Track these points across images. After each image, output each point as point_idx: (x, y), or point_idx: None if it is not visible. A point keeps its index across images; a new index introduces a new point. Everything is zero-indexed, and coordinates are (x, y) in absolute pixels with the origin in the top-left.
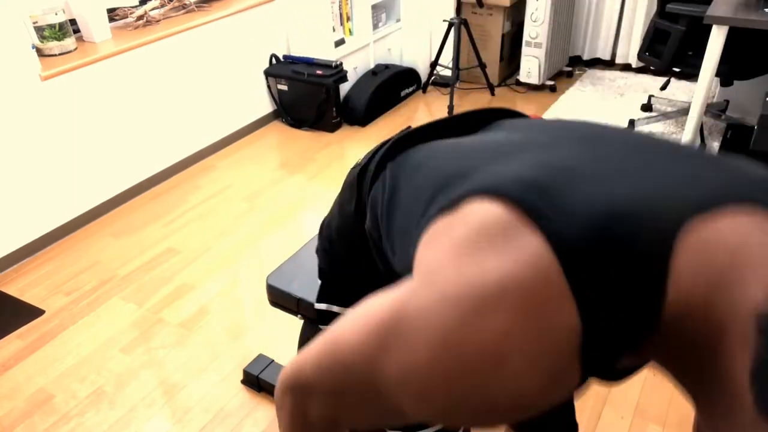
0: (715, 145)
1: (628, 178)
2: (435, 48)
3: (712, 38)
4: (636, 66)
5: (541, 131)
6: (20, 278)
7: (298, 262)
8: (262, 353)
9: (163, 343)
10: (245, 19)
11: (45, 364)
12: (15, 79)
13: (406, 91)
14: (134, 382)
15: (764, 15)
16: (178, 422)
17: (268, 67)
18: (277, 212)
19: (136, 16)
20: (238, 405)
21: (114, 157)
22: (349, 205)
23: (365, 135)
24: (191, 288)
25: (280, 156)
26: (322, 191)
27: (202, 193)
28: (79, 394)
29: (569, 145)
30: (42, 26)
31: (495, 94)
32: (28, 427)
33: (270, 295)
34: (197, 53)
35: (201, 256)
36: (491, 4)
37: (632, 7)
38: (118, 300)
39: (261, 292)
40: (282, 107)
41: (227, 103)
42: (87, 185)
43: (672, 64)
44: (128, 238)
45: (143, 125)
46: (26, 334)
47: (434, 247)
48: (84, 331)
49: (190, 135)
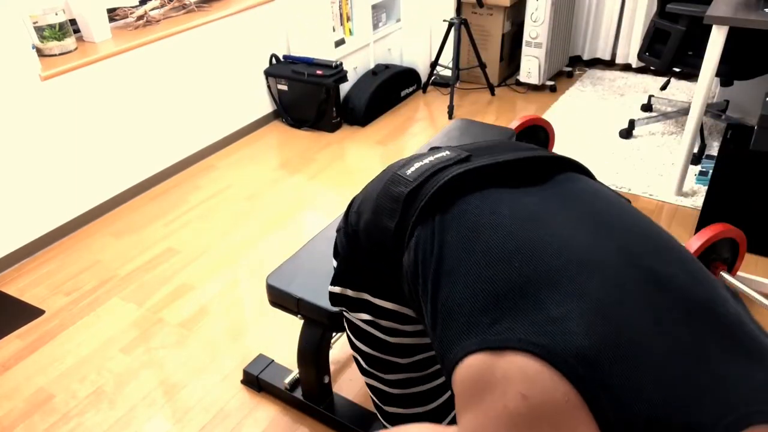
0: (715, 145)
1: (676, 378)
2: (435, 48)
3: (712, 38)
4: (636, 66)
5: (606, 234)
6: (20, 278)
7: (298, 262)
8: (262, 353)
9: (163, 343)
10: (245, 19)
11: (45, 364)
12: (15, 79)
13: (406, 91)
14: (134, 382)
15: (764, 15)
16: (178, 422)
17: (268, 67)
18: (277, 212)
19: (136, 16)
20: (238, 405)
21: (114, 157)
22: (389, 220)
23: (365, 135)
24: (191, 288)
25: (280, 156)
26: (322, 191)
27: (202, 193)
28: (79, 394)
29: (635, 296)
30: (42, 26)
31: (495, 94)
32: (28, 427)
33: (270, 295)
34: (197, 53)
35: (201, 256)
36: (491, 4)
37: (632, 7)
38: (118, 300)
39: (261, 292)
40: (282, 107)
41: (227, 103)
42: (87, 185)
43: (672, 64)
44: (128, 237)
45: (143, 125)
46: (26, 334)
47: (485, 410)
48: (84, 331)
49: (190, 135)
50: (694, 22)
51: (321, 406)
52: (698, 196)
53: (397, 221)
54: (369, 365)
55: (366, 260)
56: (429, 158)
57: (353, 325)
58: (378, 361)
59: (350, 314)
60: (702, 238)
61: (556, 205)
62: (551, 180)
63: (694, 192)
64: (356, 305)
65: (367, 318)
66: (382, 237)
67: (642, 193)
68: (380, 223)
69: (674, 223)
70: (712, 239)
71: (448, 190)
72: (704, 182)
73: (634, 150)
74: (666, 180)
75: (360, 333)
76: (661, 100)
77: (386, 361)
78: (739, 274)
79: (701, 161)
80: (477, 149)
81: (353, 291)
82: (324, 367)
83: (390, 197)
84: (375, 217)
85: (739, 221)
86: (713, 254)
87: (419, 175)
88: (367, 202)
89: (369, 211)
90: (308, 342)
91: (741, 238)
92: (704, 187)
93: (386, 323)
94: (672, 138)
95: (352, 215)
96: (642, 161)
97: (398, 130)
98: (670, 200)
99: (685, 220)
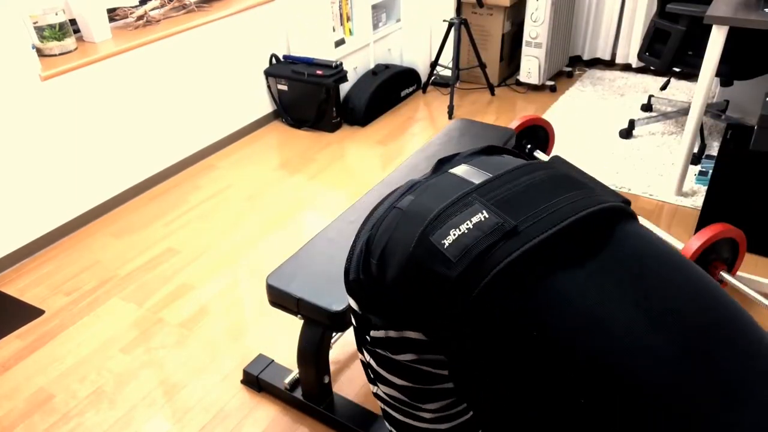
0: (715, 145)
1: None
2: (435, 48)
3: (712, 38)
4: (636, 66)
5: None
6: (20, 278)
7: (298, 262)
8: (262, 353)
9: (163, 343)
10: (245, 19)
11: (45, 364)
12: (15, 79)
13: (406, 91)
14: (134, 382)
15: (764, 15)
16: (178, 422)
17: (268, 67)
18: (277, 212)
19: (136, 16)
20: (238, 405)
21: (114, 157)
22: (447, 268)
23: (365, 135)
24: (191, 288)
25: (280, 156)
26: (322, 191)
27: (202, 193)
28: (79, 394)
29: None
30: (42, 26)
31: (495, 94)
32: (28, 427)
33: (270, 295)
34: (197, 53)
35: (201, 256)
36: (491, 4)
37: (632, 7)
38: (118, 300)
39: (261, 292)
40: (282, 107)
41: (227, 103)
42: (87, 185)
43: (672, 64)
44: (128, 237)
45: (143, 125)
46: (26, 334)
47: None
48: (84, 331)
49: (190, 135)
50: (694, 22)
51: (321, 406)
52: (698, 196)
53: (467, 275)
54: (410, 397)
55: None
56: (467, 224)
57: (395, 363)
58: (420, 392)
59: (394, 356)
60: (702, 238)
61: (618, 292)
62: (607, 241)
63: (694, 192)
64: (401, 346)
65: (414, 357)
66: (426, 286)
67: (642, 193)
68: (432, 266)
69: (674, 223)
70: (712, 239)
71: (507, 279)
72: (704, 182)
73: (634, 150)
74: (666, 180)
75: (403, 369)
76: (661, 100)
77: (431, 390)
78: (739, 274)
79: (701, 161)
80: (514, 197)
81: (396, 331)
82: (324, 367)
83: (428, 274)
84: (410, 285)
85: (739, 221)
86: (713, 254)
87: (461, 253)
88: (394, 259)
89: (398, 272)
90: (308, 342)
91: (741, 238)
92: (704, 187)
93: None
94: (672, 138)
95: (372, 266)
96: (642, 161)
97: (398, 130)
98: (670, 200)
99: (685, 220)
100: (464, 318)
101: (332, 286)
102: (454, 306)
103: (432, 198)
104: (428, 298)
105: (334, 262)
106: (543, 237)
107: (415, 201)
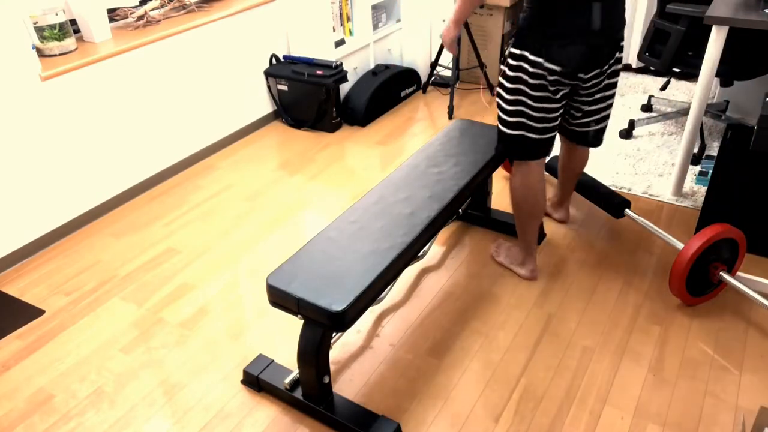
0: (715, 145)
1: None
2: (435, 48)
3: (712, 38)
4: (636, 66)
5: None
6: (20, 278)
7: (298, 262)
8: (262, 353)
9: (163, 343)
10: (245, 19)
11: (45, 364)
12: (15, 79)
13: (406, 91)
14: (134, 382)
15: (764, 15)
16: (178, 422)
17: (268, 67)
18: (277, 212)
19: (137, 16)
20: (238, 405)
21: (114, 157)
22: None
23: (365, 135)
24: (191, 288)
25: (280, 156)
26: (322, 191)
27: (203, 193)
28: (79, 394)
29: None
30: (42, 26)
31: (495, 95)
32: (28, 427)
33: (270, 295)
34: (197, 53)
35: (201, 256)
36: (491, 4)
37: (632, 7)
38: (118, 300)
39: (261, 292)
40: (282, 107)
41: (227, 103)
42: (87, 185)
43: (672, 65)
44: (129, 238)
45: (143, 125)
46: (26, 334)
47: None
48: (84, 331)
49: (190, 135)
50: (694, 22)
51: (321, 406)
52: (698, 196)
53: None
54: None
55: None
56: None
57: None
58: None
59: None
60: (702, 239)
61: None
62: None
63: (693, 192)
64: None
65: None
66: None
67: (642, 194)
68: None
69: (674, 223)
70: (711, 240)
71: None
72: (704, 182)
73: (634, 150)
74: (666, 180)
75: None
76: (661, 101)
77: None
78: (739, 275)
79: (701, 161)
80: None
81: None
82: (324, 367)
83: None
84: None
85: (739, 221)
86: (713, 255)
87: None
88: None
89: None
90: (308, 342)
91: (741, 238)
92: (704, 187)
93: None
94: (672, 138)
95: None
96: (642, 161)
97: (398, 130)
98: (670, 200)
99: (685, 220)
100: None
101: (332, 286)
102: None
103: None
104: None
105: (334, 262)
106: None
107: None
